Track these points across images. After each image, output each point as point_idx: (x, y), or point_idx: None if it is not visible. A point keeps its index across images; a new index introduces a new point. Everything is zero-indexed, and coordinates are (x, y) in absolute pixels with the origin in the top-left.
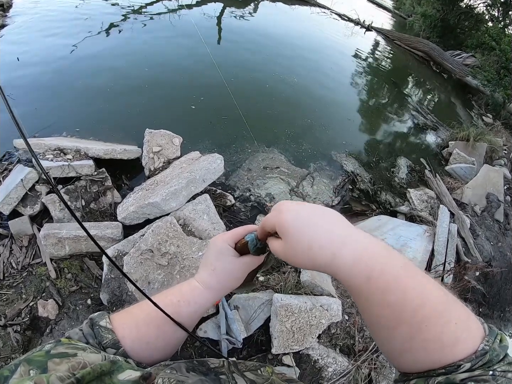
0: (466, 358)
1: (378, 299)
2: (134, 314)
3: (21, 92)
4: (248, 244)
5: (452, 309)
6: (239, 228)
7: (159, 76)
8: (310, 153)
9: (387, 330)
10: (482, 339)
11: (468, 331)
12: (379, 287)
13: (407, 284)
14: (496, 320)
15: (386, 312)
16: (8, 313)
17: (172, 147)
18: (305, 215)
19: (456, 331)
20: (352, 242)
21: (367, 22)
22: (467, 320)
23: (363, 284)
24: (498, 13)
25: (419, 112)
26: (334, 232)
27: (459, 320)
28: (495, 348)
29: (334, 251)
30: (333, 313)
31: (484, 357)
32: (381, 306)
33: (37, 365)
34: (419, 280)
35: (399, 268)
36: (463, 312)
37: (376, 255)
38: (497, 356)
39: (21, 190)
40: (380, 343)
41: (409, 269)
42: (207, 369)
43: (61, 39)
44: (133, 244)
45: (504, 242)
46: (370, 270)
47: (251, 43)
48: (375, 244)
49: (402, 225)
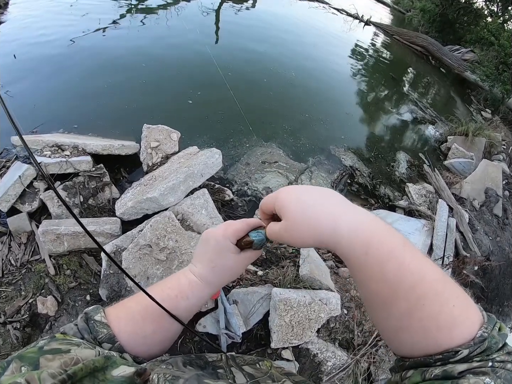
0: (464, 344)
1: (375, 273)
2: (130, 308)
3: (19, 89)
4: (253, 243)
5: (451, 291)
6: (240, 223)
7: (156, 71)
8: (308, 147)
9: (385, 306)
10: (481, 325)
11: (467, 315)
12: (377, 260)
13: (404, 259)
14: (495, 315)
15: (383, 287)
16: (8, 310)
17: (170, 142)
18: (304, 193)
19: (454, 312)
20: (352, 216)
21: (365, 17)
22: (466, 304)
23: (361, 257)
24: (497, 8)
25: (418, 106)
26: (332, 207)
27: (457, 302)
28: (494, 335)
29: (334, 225)
30: (332, 307)
31: (483, 344)
32: (378, 281)
33: (29, 362)
34: (418, 257)
35: (397, 244)
36: (461, 295)
37: (375, 229)
38: (496, 344)
39: (19, 187)
40: (378, 321)
41: (407, 246)
42: (204, 363)
43: (58, 35)
44: (132, 239)
45: (502, 237)
46: (368, 245)
47: (248, 38)
48: (373, 219)
49: (401, 220)
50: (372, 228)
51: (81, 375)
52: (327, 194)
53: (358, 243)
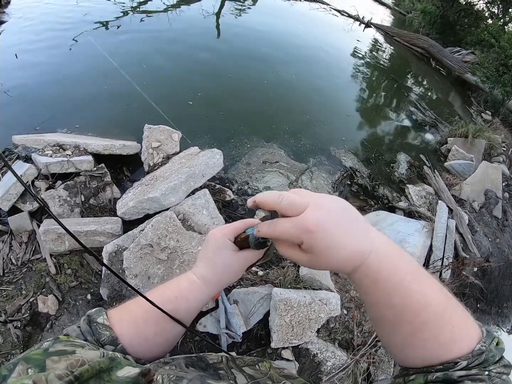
0: (463, 357)
1: (383, 300)
2: (132, 311)
3: (20, 89)
4: (249, 239)
5: (452, 313)
6: (238, 222)
7: (156, 72)
8: (309, 148)
9: (390, 327)
10: (479, 340)
11: (466, 332)
12: (385, 289)
13: (411, 289)
14: (493, 316)
15: (389, 312)
16: (8, 309)
17: (171, 142)
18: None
19: (454, 332)
20: (371, 255)
21: (366, 18)
22: (465, 323)
23: (370, 286)
24: (498, 10)
25: (418, 108)
26: (357, 247)
27: (457, 322)
28: (492, 349)
29: (355, 263)
30: (332, 307)
31: (481, 357)
32: (385, 306)
33: (36, 364)
34: (424, 285)
35: (405, 273)
36: (462, 315)
37: (388, 263)
38: (493, 357)
39: (20, 186)
40: (383, 337)
41: (415, 274)
42: (206, 365)
43: (59, 34)
44: (133, 239)
45: (502, 238)
46: (379, 273)
47: (249, 39)
48: (391, 250)
49: (401, 221)
50: (386, 260)
51: (87, 376)
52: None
53: (370, 275)
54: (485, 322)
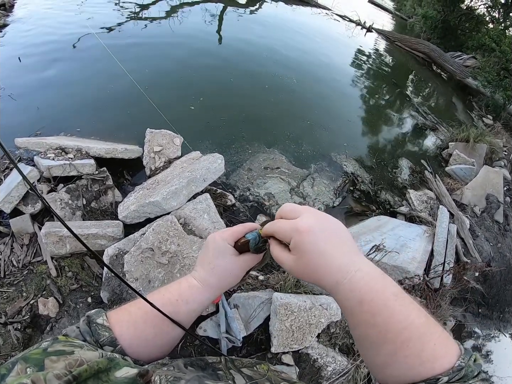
0: (444, 373)
1: (367, 320)
2: (132, 312)
3: (23, 92)
4: (249, 243)
5: (433, 331)
6: (238, 226)
7: (158, 77)
8: (310, 154)
9: (373, 347)
10: (458, 357)
11: (446, 350)
12: (370, 310)
13: (394, 310)
14: (495, 321)
15: (373, 332)
16: (9, 311)
17: (173, 147)
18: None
19: (435, 349)
20: (353, 272)
21: (368, 23)
22: (445, 341)
23: (356, 307)
24: (498, 15)
25: (420, 113)
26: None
27: (438, 340)
28: (470, 365)
29: (339, 279)
30: (332, 312)
31: (460, 372)
32: (369, 326)
33: (34, 363)
34: (406, 306)
35: (389, 295)
36: (442, 334)
37: (371, 284)
38: (472, 372)
39: (22, 188)
40: (366, 356)
41: (398, 296)
42: (205, 364)
43: (62, 38)
44: (134, 242)
45: (503, 243)
46: (364, 296)
47: (250, 44)
48: (372, 271)
49: (402, 226)
50: (370, 281)
51: (86, 376)
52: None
53: (356, 296)
54: (487, 327)
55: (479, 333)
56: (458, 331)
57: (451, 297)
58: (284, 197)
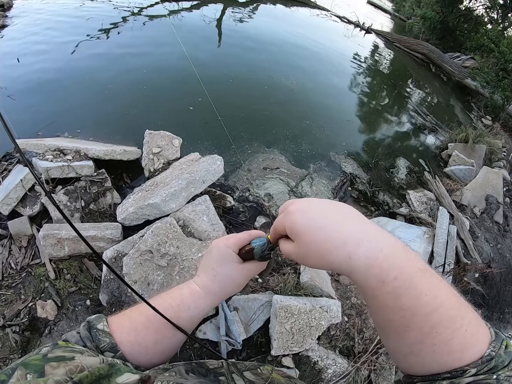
0: (472, 363)
1: (391, 303)
2: (133, 318)
3: (22, 94)
4: (254, 251)
5: (464, 315)
6: (243, 234)
7: (156, 77)
8: (309, 154)
9: (397, 333)
10: (489, 345)
11: (477, 337)
12: (393, 291)
13: (421, 289)
14: (495, 322)
15: (397, 316)
16: (7, 313)
17: (172, 148)
18: (316, 214)
19: (466, 337)
20: (368, 242)
21: (366, 24)
22: (477, 326)
23: (377, 287)
24: (497, 16)
25: (419, 113)
26: (348, 230)
27: (470, 326)
28: (501, 354)
29: (349, 251)
30: (332, 314)
31: (490, 363)
32: (393, 310)
33: (34, 369)
34: (434, 284)
35: (414, 273)
36: (473, 317)
37: (393, 258)
38: (502, 363)
39: (21, 190)
40: (388, 344)
41: (425, 273)
42: (206, 370)
43: (61, 39)
44: (133, 245)
45: (503, 244)
46: (385, 274)
47: (249, 45)
48: (392, 244)
49: (402, 227)
50: (390, 255)
51: (87, 383)
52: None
53: (375, 273)
54: None
55: None
56: None
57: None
58: (283, 198)
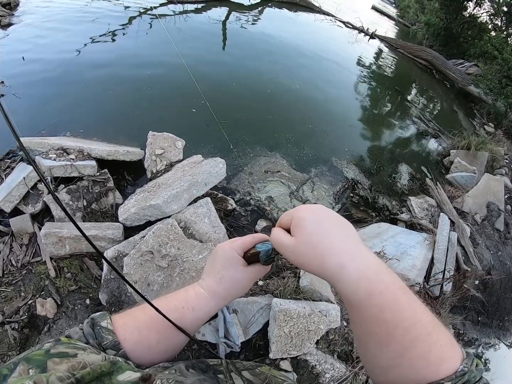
0: (447, 378)
1: (375, 316)
2: (137, 317)
3: (27, 92)
4: (260, 255)
5: (439, 332)
6: (248, 237)
7: (160, 79)
8: (311, 158)
9: (378, 346)
10: (462, 361)
11: (451, 353)
12: (378, 304)
13: (403, 305)
14: (495, 329)
15: (380, 329)
16: (6, 310)
17: (174, 150)
18: (324, 220)
19: (442, 351)
20: (361, 258)
21: (370, 30)
22: (451, 343)
23: (363, 300)
24: (501, 23)
25: (422, 120)
26: (346, 243)
27: (444, 342)
28: (473, 370)
29: (343, 261)
30: (331, 319)
31: (463, 377)
32: (376, 323)
33: (37, 364)
34: (413, 302)
35: (397, 289)
36: (448, 335)
37: (380, 275)
38: (474, 378)
39: (23, 188)
40: (368, 358)
41: (405, 291)
42: (206, 366)
43: (67, 39)
44: (134, 245)
45: (504, 251)
46: (373, 287)
47: (253, 49)
48: (380, 264)
49: (402, 233)
50: (378, 272)
51: (89, 379)
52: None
53: (364, 286)
54: (486, 336)
55: (479, 341)
56: (457, 339)
57: (451, 305)
58: (283, 201)
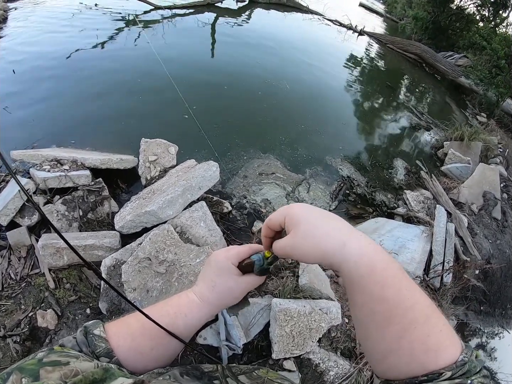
0: (448, 367)
1: (376, 293)
2: (130, 324)
3: (17, 104)
4: (254, 264)
5: (438, 317)
6: (244, 247)
7: (150, 86)
8: (305, 158)
9: (378, 329)
10: (462, 351)
11: (451, 340)
12: (380, 281)
13: (402, 284)
14: (498, 318)
15: (381, 308)
16: (8, 323)
17: (168, 155)
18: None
19: (441, 336)
20: (357, 238)
21: (359, 27)
22: (450, 331)
23: (365, 277)
24: (488, 13)
25: (414, 113)
26: (341, 226)
27: (444, 328)
28: (473, 360)
29: (344, 240)
30: (332, 316)
31: (464, 367)
32: (377, 301)
33: (29, 373)
34: (411, 283)
35: (397, 269)
36: (446, 322)
37: (380, 254)
38: (475, 368)
39: (19, 201)
40: (368, 343)
41: (403, 272)
42: (201, 373)
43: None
44: (131, 252)
45: (502, 240)
46: (374, 264)
47: (243, 51)
48: (377, 245)
49: (400, 227)
50: (377, 252)
51: None
52: (336, 217)
53: (365, 263)
54: (490, 325)
55: (482, 331)
56: (460, 330)
57: (452, 296)
58: (280, 203)
